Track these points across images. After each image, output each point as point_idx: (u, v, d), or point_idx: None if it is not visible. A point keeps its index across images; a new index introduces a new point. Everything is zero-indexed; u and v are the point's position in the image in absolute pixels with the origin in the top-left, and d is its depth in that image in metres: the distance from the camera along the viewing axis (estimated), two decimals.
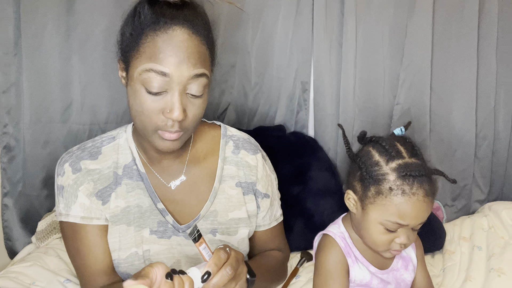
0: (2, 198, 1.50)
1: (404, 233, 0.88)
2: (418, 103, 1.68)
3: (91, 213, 0.88)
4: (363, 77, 1.67)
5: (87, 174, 0.89)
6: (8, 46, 1.42)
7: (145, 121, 0.79)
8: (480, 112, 1.71)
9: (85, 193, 0.88)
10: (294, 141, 1.69)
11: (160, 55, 0.75)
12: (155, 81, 0.76)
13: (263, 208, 1.01)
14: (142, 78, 0.76)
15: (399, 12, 1.62)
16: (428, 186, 0.85)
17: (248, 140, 1.01)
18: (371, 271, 0.95)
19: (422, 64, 1.65)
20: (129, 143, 0.93)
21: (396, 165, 0.85)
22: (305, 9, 1.63)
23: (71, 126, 1.52)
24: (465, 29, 1.63)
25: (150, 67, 0.75)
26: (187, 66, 0.76)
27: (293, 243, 1.50)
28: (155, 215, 0.91)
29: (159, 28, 0.76)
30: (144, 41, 0.77)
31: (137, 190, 0.91)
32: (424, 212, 0.86)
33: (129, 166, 0.91)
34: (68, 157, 0.90)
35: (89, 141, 0.94)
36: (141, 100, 0.78)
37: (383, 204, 0.85)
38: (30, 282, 1.22)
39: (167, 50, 0.75)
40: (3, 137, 1.47)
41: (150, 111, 0.78)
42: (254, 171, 0.98)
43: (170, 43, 0.75)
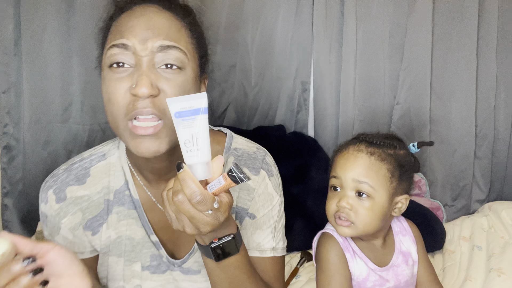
0: (2, 198, 1.50)
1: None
2: (418, 103, 1.68)
3: (74, 247, 0.80)
4: (363, 77, 1.67)
5: (74, 204, 0.78)
6: (8, 46, 1.42)
7: (114, 110, 0.68)
8: (480, 112, 1.72)
9: (68, 226, 0.79)
10: (294, 141, 1.69)
11: (122, 29, 0.69)
12: (118, 54, 0.68)
13: (241, 228, 0.83)
14: (107, 60, 0.69)
15: (399, 12, 1.62)
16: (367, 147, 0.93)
17: (253, 155, 0.85)
18: (370, 267, 0.95)
19: (422, 64, 1.65)
20: (121, 163, 0.81)
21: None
22: (305, 9, 1.64)
23: (71, 126, 1.52)
24: (465, 29, 1.63)
25: (112, 43, 0.68)
26: (152, 36, 0.68)
27: (293, 243, 1.49)
28: (148, 248, 0.81)
29: (126, 10, 0.71)
30: (111, 28, 0.71)
31: (129, 220, 0.80)
32: (356, 166, 0.92)
33: (121, 191, 0.80)
34: (52, 182, 0.80)
35: (76, 159, 0.82)
36: (109, 84, 0.68)
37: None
38: None
39: (129, 22, 0.69)
40: (3, 137, 1.47)
41: (116, 92, 0.67)
42: (251, 195, 0.82)
43: (135, 17, 0.69)
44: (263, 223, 0.84)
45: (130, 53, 0.68)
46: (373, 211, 0.90)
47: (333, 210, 0.93)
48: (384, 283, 0.96)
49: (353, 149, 0.94)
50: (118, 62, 0.68)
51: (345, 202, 0.90)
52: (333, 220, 0.93)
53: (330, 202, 0.94)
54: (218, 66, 1.65)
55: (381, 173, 0.91)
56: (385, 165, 0.91)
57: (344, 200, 0.91)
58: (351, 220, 0.90)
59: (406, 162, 0.95)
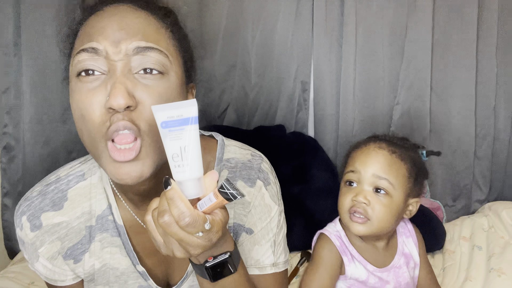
0: (2, 198, 1.50)
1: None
2: (418, 103, 1.68)
3: (54, 275, 0.74)
4: (363, 77, 1.67)
5: (50, 233, 0.70)
6: (8, 46, 1.42)
7: (90, 129, 0.58)
8: (480, 112, 1.71)
9: (46, 256, 0.71)
10: (294, 141, 1.69)
11: (92, 31, 0.59)
12: (87, 60, 0.58)
13: (238, 245, 0.76)
14: (75, 68, 0.59)
15: (399, 12, 1.62)
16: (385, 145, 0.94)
17: (248, 164, 0.76)
18: (369, 269, 0.95)
19: (422, 64, 1.65)
20: (103, 184, 0.71)
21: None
22: (305, 9, 1.63)
23: (71, 126, 1.52)
24: (465, 29, 1.63)
25: (80, 48, 0.59)
26: (126, 37, 0.58)
27: (293, 243, 1.49)
28: (134, 279, 0.74)
29: (95, 11, 0.62)
30: (79, 33, 0.62)
31: (112, 248, 0.72)
32: (378, 163, 0.91)
33: (103, 216, 0.71)
34: (26, 207, 0.70)
35: (52, 179, 0.74)
36: (79, 97, 0.58)
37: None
38: (29, 282, 1.23)
39: (99, 23, 0.59)
40: (3, 137, 1.47)
41: (90, 108, 0.57)
42: (247, 209, 0.74)
43: (105, 17, 0.60)
44: (262, 237, 0.75)
45: (102, 58, 0.58)
46: (389, 208, 0.89)
47: (347, 205, 0.91)
48: (384, 284, 0.96)
49: (374, 146, 0.94)
50: (87, 70, 0.58)
51: (362, 196, 0.89)
52: (347, 216, 0.91)
53: (345, 197, 0.92)
54: (218, 66, 1.65)
55: (401, 172, 0.91)
56: (405, 164, 0.92)
57: (362, 195, 0.89)
58: (368, 216, 0.89)
59: (421, 166, 0.96)
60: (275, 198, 0.78)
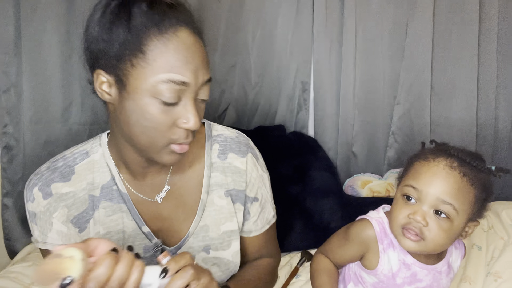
0: (2, 198, 1.50)
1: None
2: (418, 103, 1.68)
3: (71, 239, 0.79)
4: (363, 77, 1.67)
5: (59, 200, 0.78)
6: (8, 46, 1.42)
7: (156, 137, 0.69)
8: (481, 112, 1.71)
9: (60, 220, 0.78)
10: (294, 141, 1.69)
11: (178, 64, 0.67)
12: (174, 91, 0.67)
13: (253, 213, 0.91)
14: (157, 90, 0.67)
15: (399, 12, 1.62)
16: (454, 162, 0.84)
17: (236, 140, 0.89)
18: (407, 261, 0.89)
19: (422, 64, 1.65)
20: (106, 159, 0.80)
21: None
22: (305, 9, 1.63)
23: (71, 126, 1.52)
24: (465, 29, 1.63)
25: (168, 78, 0.66)
26: (202, 72, 0.70)
27: (293, 243, 1.50)
28: (141, 240, 0.81)
29: (166, 31, 0.67)
30: (151, 47, 0.66)
31: (119, 214, 0.80)
32: (446, 187, 0.81)
33: (108, 187, 0.80)
34: (36, 180, 0.79)
35: (59, 158, 0.81)
36: (153, 114, 0.68)
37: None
38: (29, 282, 1.23)
39: (183, 57, 0.67)
40: (3, 137, 1.47)
41: (163, 124, 0.68)
42: (243, 177, 0.87)
43: (184, 49, 0.68)
44: (265, 200, 0.94)
45: (186, 88, 0.69)
46: (448, 233, 0.82)
47: (402, 220, 0.84)
48: (414, 282, 0.91)
49: (445, 164, 0.83)
50: (173, 103, 0.68)
51: (420, 217, 0.81)
52: (399, 230, 0.85)
53: (400, 212, 0.85)
54: (218, 66, 1.65)
55: (468, 198, 0.83)
56: (474, 190, 0.84)
57: (420, 215, 0.82)
58: (423, 237, 0.82)
59: (490, 189, 0.88)
60: (264, 168, 0.94)
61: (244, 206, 0.89)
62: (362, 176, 1.74)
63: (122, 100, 0.70)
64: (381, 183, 1.72)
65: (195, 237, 0.84)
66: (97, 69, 0.71)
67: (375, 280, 0.94)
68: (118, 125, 0.74)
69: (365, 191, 1.70)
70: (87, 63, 0.74)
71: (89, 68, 0.75)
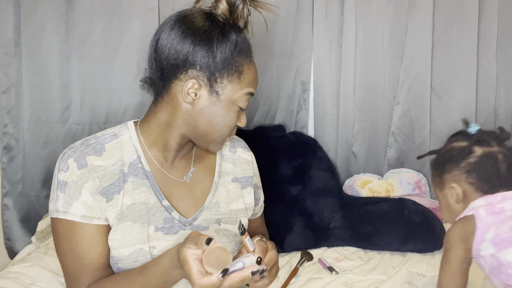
0: (2, 198, 1.50)
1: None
2: (418, 103, 1.68)
3: (93, 212, 0.87)
4: (363, 77, 1.67)
5: (93, 171, 0.87)
6: (8, 46, 1.42)
7: (226, 132, 0.91)
8: (480, 112, 1.71)
9: (90, 191, 0.87)
10: (294, 141, 1.69)
11: (254, 81, 0.91)
12: (247, 100, 0.90)
13: (261, 199, 1.13)
14: (242, 99, 0.88)
15: (399, 12, 1.62)
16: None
17: (240, 139, 1.11)
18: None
19: (422, 64, 1.65)
20: (133, 141, 0.93)
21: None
22: (305, 9, 1.64)
23: (70, 126, 1.52)
24: (465, 29, 1.63)
25: (250, 91, 0.90)
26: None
27: (293, 243, 1.50)
28: (161, 212, 0.92)
29: (248, 59, 0.91)
30: (246, 70, 0.89)
31: (142, 188, 0.92)
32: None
33: (135, 164, 0.92)
34: (72, 152, 0.88)
35: (91, 137, 0.92)
36: (233, 116, 0.89)
37: None
38: (30, 282, 1.23)
39: (254, 75, 0.92)
40: (3, 137, 1.47)
41: (234, 123, 0.90)
42: (251, 166, 1.07)
43: (255, 73, 0.93)
44: (261, 187, 1.13)
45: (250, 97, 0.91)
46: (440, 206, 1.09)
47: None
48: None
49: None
50: (244, 108, 0.90)
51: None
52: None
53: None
54: None
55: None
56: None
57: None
58: None
59: (441, 158, 1.08)
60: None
61: (255, 191, 1.07)
62: (362, 176, 1.74)
63: (210, 104, 0.87)
64: (381, 183, 1.72)
65: (209, 210, 0.97)
66: (188, 76, 0.86)
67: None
68: (187, 121, 0.89)
69: (365, 191, 1.71)
70: (168, 67, 0.86)
71: (169, 72, 0.86)
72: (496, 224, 0.94)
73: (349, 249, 1.50)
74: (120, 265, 0.89)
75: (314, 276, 1.33)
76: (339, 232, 1.52)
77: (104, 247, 0.88)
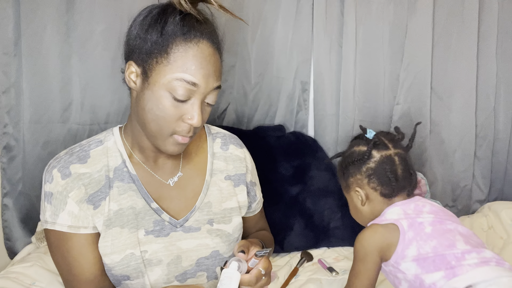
0: (2, 198, 1.50)
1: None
2: (418, 103, 1.68)
3: (79, 222, 0.87)
4: (363, 77, 1.67)
5: (78, 179, 0.87)
6: (8, 46, 1.42)
7: (164, 126, 0.83)
8: (480, 112, 1.71)
9: (75, 200, 0.86)
10: (293, 141, 1.69)
11: (193, 67, 0.81)
12: (184, 90, 0.81)
13: (258, 196, 1.11)
14: (171, 86, 0.81)
15: (399, 12, 1.62)
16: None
17: (232, 136, 1.08)
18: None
19: (422, 64, 1.65)
20: (118, 146, 0.93)
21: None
22: (305, 9, 1.63)
23: (71, 126, 1.52)
24: (465, 29, 1.63)
25: (181, 77, 0.80)
26: (212, 79, 0.83)
27: (293, 243, 1.50)
28: (150, 215, 0.91)
29: (190, 40, 0.81)
30: (174, 50, 0.81)
31: (129, 192, 0.91)
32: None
33: (120, 169, 0.91)
34: (56, 162, 0.89)
35: (76, 145, 0.93)
36: (165, 105, 0.82)
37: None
38: (30, 282, 1.23)
39: (198, 63, 0.81)
40: (3, 137, 1.47)
41: (171, 116, 0.82)
42: (243, 163, 1.05)
43: (201, 57, 0.81)
44: (258, 183, 1.12)
45: (195, 89, 0.82)
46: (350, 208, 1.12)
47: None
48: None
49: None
50: (182, 100, 0.82)
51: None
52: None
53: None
54: None
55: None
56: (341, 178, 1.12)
57: None
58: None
59: (343, 161, 1.10)
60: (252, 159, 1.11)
61: (248, 189, 1.06)
62: None
63: (143, 89, 0.83)
64: None
65: (200, 211, 0.96)
66: (129, 61, 0.85)
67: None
68: (135, 111, 0.87)
69: None
70: (124, 54, 0.88)
71: (124, 59, 0.88)
72: (418, 241, 0.93)
73: (349, 249, 1.50)
74: (113, 271, 0.89)
75: (314, 277, 1.33)
76: (339, 232, 1.52)
77: (95, 256, 0.88)
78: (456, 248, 0.92)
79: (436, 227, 0.95)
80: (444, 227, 0.96)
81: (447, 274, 0.89)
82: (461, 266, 0.89)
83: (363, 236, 0.99)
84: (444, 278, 0.89)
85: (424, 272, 0.91)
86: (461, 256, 0.90)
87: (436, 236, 0.94)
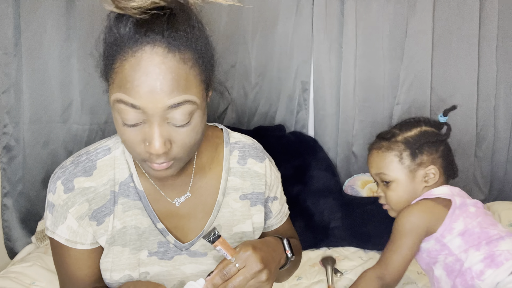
0: (2, 198, 1.50)
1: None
2: (418, 103, 1.68)
3: (76, 237, 0.82)
4: (363, 77, 1.67)
5: (81, 194, 0.81)
6: (8, 46, 1.42)
7: (131, 151, 0.71)
8: (480, 112, 1.71)
9: (74, 216, 0.81)
10: (294, 141, 1.69)
11: (128, 85, 0.64)
12: (128, 113, 0.66)
13: (275, 211, 0.97)
14: (117, 108, 0.67)
15: (399, 12, 1.62)
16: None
17: (253, 146, 0.92)
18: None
19: (422, 64, 1.65)
20: (126, 156, 0.83)
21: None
22: (305, 9, 1.64)
23: (70, 126, 1.52)
24: (465, 29, 1.63)
25: (120, 98, 0.65)
26: (160, 96, 0.64)
27: None
28: (155, 236, 0.84)
29: (127, 50, 0.64)
30: (116, 65, 0.66)
31: (134, 210, 0.83)
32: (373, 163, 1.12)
33: (126, 183, 0.83)
34: (61, 173, 0.82)
35: (83, 152, 0.84)
36: (120, 130, 0.69)
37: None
38: (30, 282, 1.23)
39: (134, 79, 0.63)
40: (3, 137, 1.47)
41: (131, 142, 0.69)
42: (263, 180, 0.91)
43: (138, 70, 0.63)
44: (281, 197, 0.99)
45: (140, 111, 0.65)
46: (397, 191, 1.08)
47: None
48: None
49: (371, 149, 1.15)
50: (132, 124, 0.67)
51: (379, 190, 1.12)
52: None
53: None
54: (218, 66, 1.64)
55: (389, 159, 1.08)
56: (392, 151, 1.09)
57: (379, 190, 1.12)
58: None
59: (415, 140, 1.07)
60: (276, 168, 0.99)
61: (265, 206, 0.94)
62: (362, 176, 1.74)
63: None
64: None
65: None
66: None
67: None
68: None
69: (365, 191, 1.70)
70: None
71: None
72: (464, 218, 0.99)
73: (349, 249, 1.50)
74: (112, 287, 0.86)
75: (316, 279, 1.33)
76: (339, 232, 1.52)
77: (90, 269, 0.85)
78: (498, 227, 0.99)
79: (479, 210, 1.02)
80: (484, 211, 1.03)
81: (485, 258, 0.94)
82: (501, 254, 0.94)
83: (411, 211, 1.02)
84: (481, 262, 0.93)
85: (468, 248, 0.95)
86: (505, 235, 0.96)
87: (480, 215, 1.00)
